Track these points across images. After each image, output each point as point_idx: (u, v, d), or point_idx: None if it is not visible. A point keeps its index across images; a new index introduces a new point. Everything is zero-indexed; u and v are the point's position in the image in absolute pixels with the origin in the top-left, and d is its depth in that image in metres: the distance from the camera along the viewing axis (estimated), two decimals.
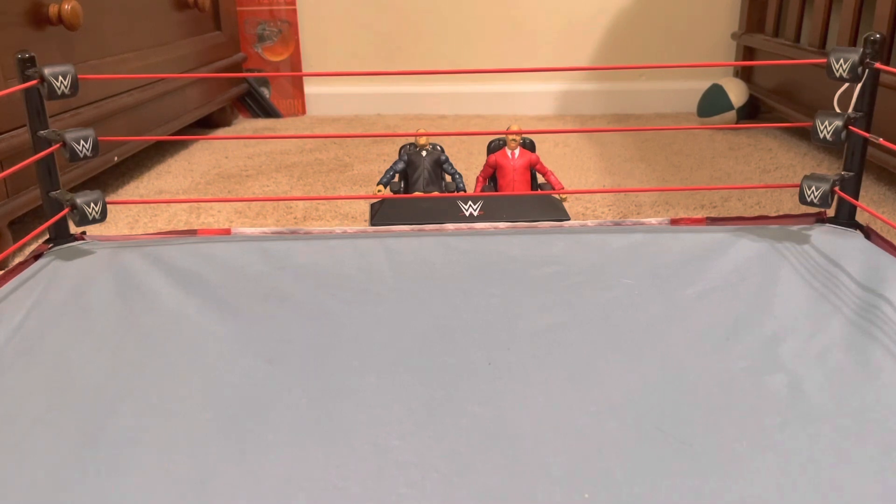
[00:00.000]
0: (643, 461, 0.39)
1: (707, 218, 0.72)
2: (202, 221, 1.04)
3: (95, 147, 0.67)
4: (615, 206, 1.00)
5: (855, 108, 0.65)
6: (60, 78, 0.63)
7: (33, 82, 0.63)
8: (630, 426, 0.42)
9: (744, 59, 1.74)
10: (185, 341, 0.51)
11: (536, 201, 0.90)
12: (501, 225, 0.70)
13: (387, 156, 1.41)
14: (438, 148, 0.97)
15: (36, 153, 0.65)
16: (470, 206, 0.87)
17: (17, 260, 0.68)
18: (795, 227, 0.69)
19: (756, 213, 0.97)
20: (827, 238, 0.66)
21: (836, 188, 0.67)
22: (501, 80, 1.75)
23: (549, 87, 1.80)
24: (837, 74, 0.64)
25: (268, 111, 1.86)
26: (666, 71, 1.73)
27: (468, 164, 1.29)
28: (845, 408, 0.44)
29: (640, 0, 1.78)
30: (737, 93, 1.59)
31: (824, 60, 0.65)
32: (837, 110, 0.67)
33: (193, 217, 1.06)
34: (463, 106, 1.76)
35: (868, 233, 0.67)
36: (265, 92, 1.87)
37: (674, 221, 0.72)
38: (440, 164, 0.96)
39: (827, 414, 0.43)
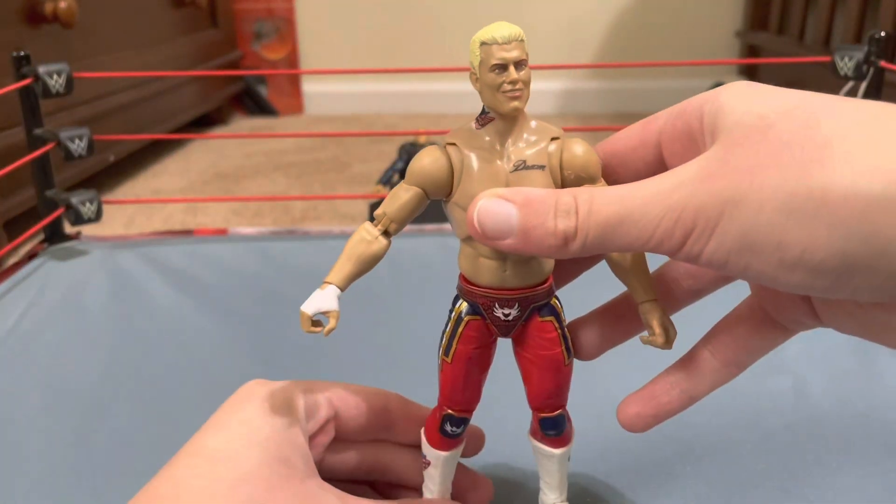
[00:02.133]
0: (646, 464, 0.38)
1: None
2: (198, 221, 1.04)
3: (91, 146, 0.66)
4: None
5: None
6: (55, 76, 0.63)
7: (28, 81, 0.62)
8: None
9: (747, 58, 1.74)
10: (181, 342, 0.51)
11: None
12: None
13: (386, 155, 1.40)
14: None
15: (31, 152, 0.64)
16: None
17: (12, 260, 0.68)
18: None
19: None
20: None
21: None
22: None
23: (551, 86, 1.80)
24: (842, 73, 0.63)
25: (265, 109, 1.86)
26: (669, 69, 1.73)
27: None
28: (850, 410, 0.43)
29: None
30: None
31: (829, 58, 0.64)
32: None
33: (190, 217, 1.06)
34: (463, 104, 1.76)
35: None
36: (262, 90, 1.87)
37: None
38: None
39: (832, 416, 0.42)
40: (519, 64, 0.26)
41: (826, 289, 0.22)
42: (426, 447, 0.31)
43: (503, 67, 0.25)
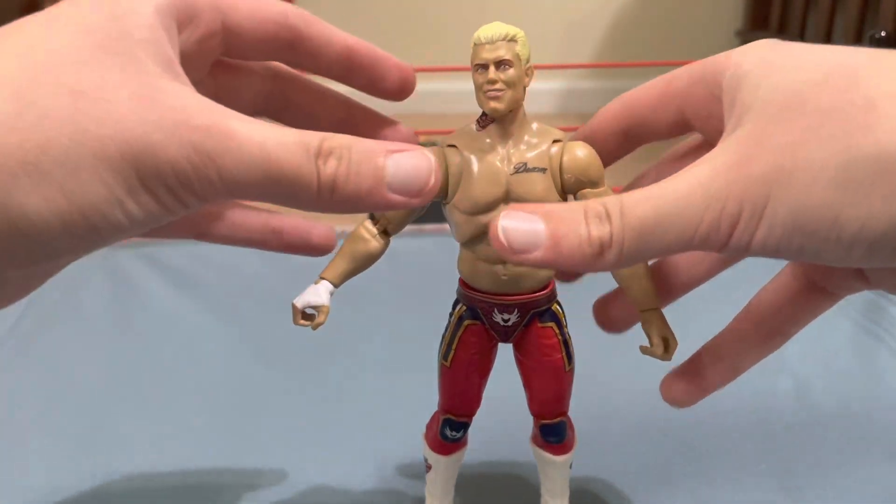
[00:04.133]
0: (647, 465, 0.38)
1: None
2: None
3: None
4: None
5: None
6: None
7: None
8: (633, 430, 0.41)
9: None
10: (181, 342, 0.51)
11: None
12: None
13: None
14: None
15: None
16: None
17: None
18: None
19: None
20: None
21: None
22: None
23: (551, 85, 1.80)
24: None
25: None
26: (669, 69, 1.72)
27: None
28: (851, 411, 0.43)
29: None
30: None
31: None
32: None
33: None
34: (463, 104, 1.75)
35: None
36: None
37: None
38: None
39: (832, 417, 0.42)
40: (501, 64, 0.26)
41: (886, 261, 0.20)
42: (427, 451, 0.31)
43: (485, 67, 0.25)
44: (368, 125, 0.29)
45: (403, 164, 0.21)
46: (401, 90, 0.28)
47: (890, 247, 0.20)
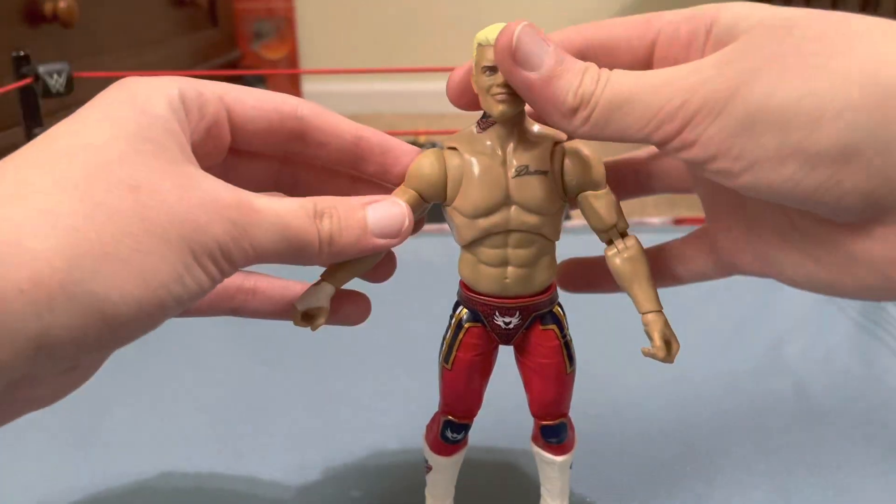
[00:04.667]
0: (647, 465, 0.38)
1: None
2: None
3: None
4: None
5: None
6: (55, 76, 0.63)
7: (28, 80, 0.62)
8: (632, 429, 0.41)
9: None
10: (179, 342, 0.51)
11: None
12: None
13: None
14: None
15: None
16: None
17: None
18: None
19: None
20: None
21: None
22: None
23: None
24: None
25: None
26: None
27: None
28: (851, 410, 0.43)
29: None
30: None
31: None
32: None
33: None
34: None
35: None
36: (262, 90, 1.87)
37: (677, 221, 0.72)
38: None
39: (832, 416, 0.42)
40: None
41: (812, 190, 0.21)
42: (427, 452, 0.31)
43: (493, 70, 0.25)
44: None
45: (380, 212, 0.24)
46: None
47: (821, 170, 0.20)
